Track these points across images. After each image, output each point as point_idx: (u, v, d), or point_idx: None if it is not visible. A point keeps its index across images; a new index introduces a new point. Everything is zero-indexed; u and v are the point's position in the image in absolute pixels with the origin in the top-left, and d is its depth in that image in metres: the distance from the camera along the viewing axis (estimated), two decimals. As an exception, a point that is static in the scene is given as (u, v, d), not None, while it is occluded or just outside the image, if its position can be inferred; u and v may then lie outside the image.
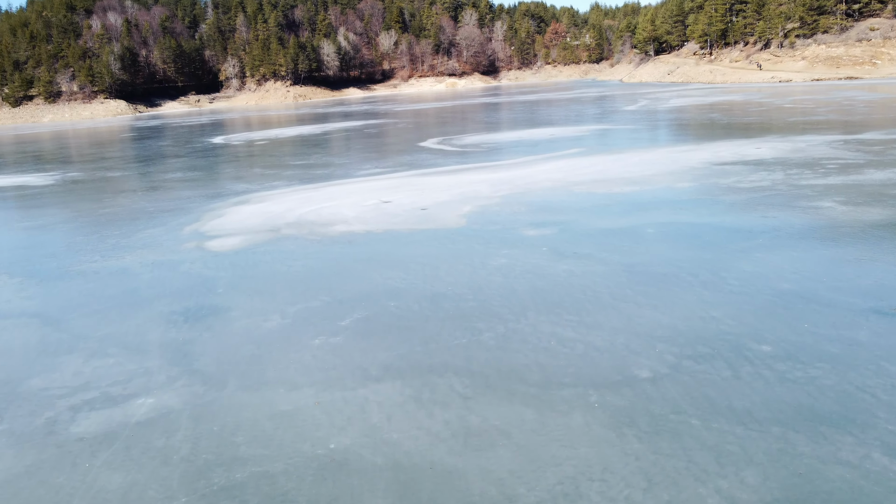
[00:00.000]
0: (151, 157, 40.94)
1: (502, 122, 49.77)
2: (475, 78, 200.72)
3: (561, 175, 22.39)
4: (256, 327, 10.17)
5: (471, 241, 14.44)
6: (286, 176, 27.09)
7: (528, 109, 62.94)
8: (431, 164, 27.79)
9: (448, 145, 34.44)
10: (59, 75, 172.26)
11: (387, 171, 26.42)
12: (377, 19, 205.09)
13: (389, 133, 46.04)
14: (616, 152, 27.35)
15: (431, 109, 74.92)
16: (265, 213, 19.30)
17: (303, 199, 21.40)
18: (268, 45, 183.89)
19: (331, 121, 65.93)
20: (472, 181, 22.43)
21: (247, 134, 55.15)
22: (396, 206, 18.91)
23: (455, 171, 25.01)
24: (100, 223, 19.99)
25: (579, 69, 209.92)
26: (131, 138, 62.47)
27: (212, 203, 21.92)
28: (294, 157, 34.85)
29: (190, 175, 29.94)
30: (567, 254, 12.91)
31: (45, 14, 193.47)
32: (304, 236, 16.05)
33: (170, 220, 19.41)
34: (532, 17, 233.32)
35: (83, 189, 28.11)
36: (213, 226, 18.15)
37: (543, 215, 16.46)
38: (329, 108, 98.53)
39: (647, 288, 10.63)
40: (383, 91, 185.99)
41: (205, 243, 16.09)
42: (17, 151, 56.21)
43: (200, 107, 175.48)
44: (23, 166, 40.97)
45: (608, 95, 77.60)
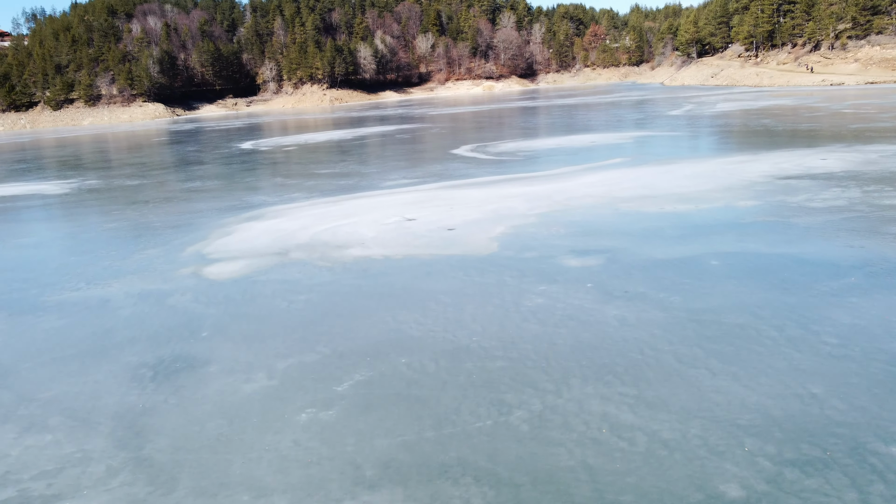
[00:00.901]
0: (176, 163, 39.56)
1: (540, 128, 47.60)
2: (512, 81, 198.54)
3: (604, 189, 20.23)
4: (234, 391, 8.25)
5: (502, 271, 12.39)
6: (307, 187, 25.30)
7: (566, 114, 60.64)
8: (463, 174, 25.79)
9: (482, 153, 32.41)
10: (99, 79, 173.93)
11: (415, 183, 24.48)
12: (414, 22, 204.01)
13: (422, 139, 44.16)
14: (664, 163, 25.08)
15: (467, 113, 72.97)
16: (277, 232, 17.46)
17: (320, 214, 19.53)
18: (305, 49, 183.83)
19: (364, 125, 64.31)
20: (507, 196, 20.37)
21: (277, 139, 53.72)
22: (421, 225, 16.93)
23: (488, 184, 22.98)
24: (99, 241, 18.33)
25: (619, 72, 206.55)
26: (162, 143, 61.49)
27: (223, 218, 20.17)
28: (320, 164, 33.10)
29: (208, 184, 28.32)
30: (616, 293, 10.81)
31: (87, 18, 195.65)
32: (314, 262, 14.15)
33: (173, 239, 17.67)
34: (571, 19, 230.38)
35: (96, 199, 26.64)
36: (218, 246, 16.35)
37: (586, 240, 14.34)
38: (364, 112, 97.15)
39: (721, 346, 8.50)
40: (420, 94, 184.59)
41: (203, 269, 14.27)
42: (46, 156, 55.47)
43: (237, 110, 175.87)
44: (45, 172, 39.87)
45: (650, 99, 74.90)
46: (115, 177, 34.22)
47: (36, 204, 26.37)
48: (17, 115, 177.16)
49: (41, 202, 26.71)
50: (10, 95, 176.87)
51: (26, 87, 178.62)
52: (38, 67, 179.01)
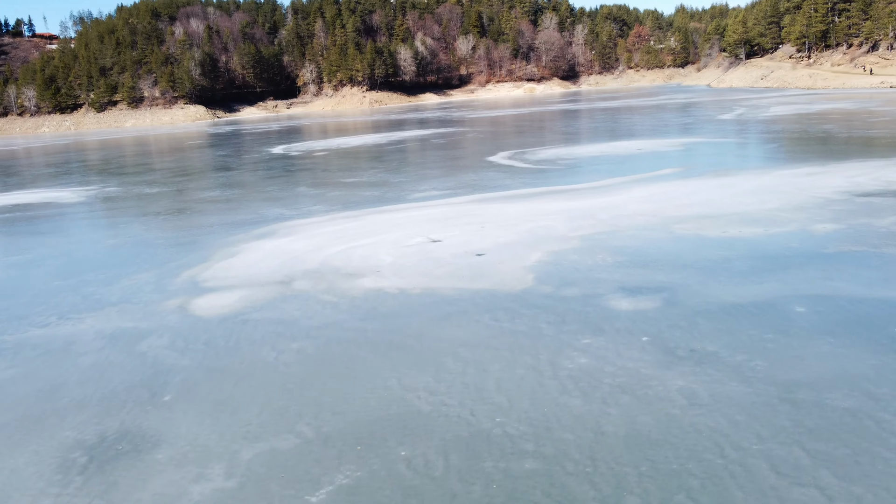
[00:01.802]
0: (202, 169, 38.09)
1: (582, 133, 45.22)
2: (554, 83, 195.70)
3: (655, 206, 17.94)
4: (177, 496, 6.26)
5: (538, 315, 10.26)
6: (330, 198, 23.40)
7: (609, 118, 58.08)
8: (498, 185, 23.66)
9: (520, 160, 30.24)
10: (141, 81, 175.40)
11: (445, 194, 22.43)
12: (455, 24, 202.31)
13: (457, 144, 42.10)
14: (721, 174, 22.65)
15: (507, 117, 70.75)
16: (285, 254, 15.54)
17: (337, 232, 17.57)
18: (345, 51, 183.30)
19: (400, 128, 62.49)
20: (545, 212, 18.19)
21: (310, 143, 52.14)
22: (446, 249, 14.86)
23: (525, 197, 20.81)
24: (93, 260, 16.61)
25: (663, 74, 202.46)
26: (195, 147, 60.38)
27: (232, 234, 18.34)
28: (348, 172, 31.24)
29: (227, 194, 26.60)
30: (681, 351, 8.61)
31: (132, 20, 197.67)
32: (319, 295, 12.16)
33: (172, 260, 15.86)
34: (614, 20, 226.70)
35: (107, 210, 25.11)
36: (217, 271, 14.47)
37: (639, 273, 12.12)
38: (402, 115, 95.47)
39: (831, 446, 6.28)
40: (460, 97, 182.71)
41: (192, 301, 12.38)
42: (78, 160, 54.67)
43: (278, 112, 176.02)
44: (70, 178, 38.74)
45: (697, 102, 71.87)
46: (136, 183, 32.78)
47: (45, 214, 24.92)
48: (63, 116, 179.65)
49: (51, 212, 25.26)
50: (55, 97, 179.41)
51: (71, 90, 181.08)
52: (83, 70, 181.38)
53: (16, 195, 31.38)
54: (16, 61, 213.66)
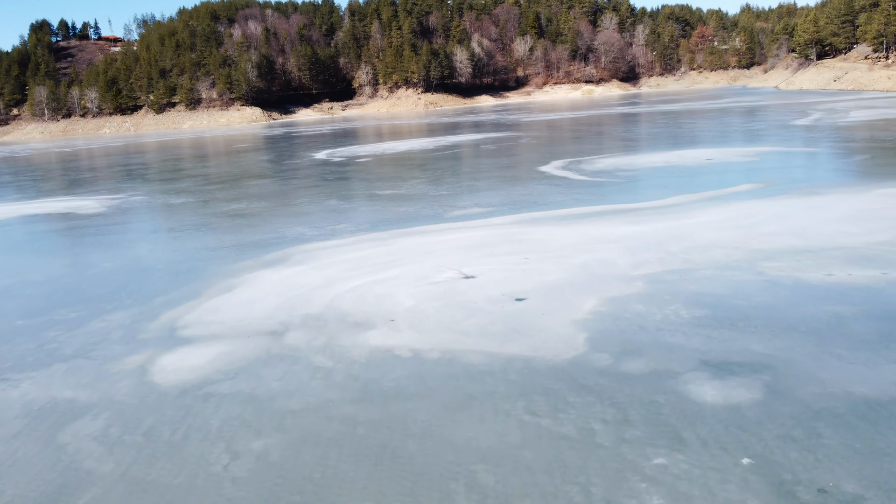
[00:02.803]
0: (236, 176, 36.13)
1: (643, 139, 41.97)
2: (613, 85, 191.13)
3: (736, 235, 14.93)
4: None
5: (590, 410, 7.51)
6: (359, 215, 20.93)
7: (672, 122, 54.54)
8: (549, 202, 20.85)
9: (575, 171, 27.34)
10: (199, 83, 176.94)
11: (487, 212, 19.73)
12: (512, 25, 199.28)
13: (508, 151, 39.30)
14: (809, 193, 19.44)
15: (563, 120, 67.60)
16: (290, 290, 13.06)
17: (357, 261, 15.04)
18: (401, 52, 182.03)
19: (451, 132, 59.93)
20: (602, 239, 15.35)
21: (356, 147, 49.96)
22: (480, 289, 12.18)
23: (579, 219, 17.97)
24: (75, 290, 14.42)
25: (727, 75, 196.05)
26: (240, 151, 58.84)
27: (239, 260, 15.97)
28: (385, 182, 28.77)
29: (252, 207, 24.37)
30: (803, 491, 5.77)
31: (192, 23, 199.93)
32: (311, 356, 9.62)
33: (160, 293, 13.54)
34: (676, 20, 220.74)
35: (120, 224, 23.11)
36: (204, 312, 12.06)
37: (725, 337, 9.25)
38: (456, 118, 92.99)
39: None
40: (516, 99, 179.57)
41: (158, 359, 9.97)
42: (120, 164, 53.58)
43: (333, 114, 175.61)
44: (102, 184, 37.23)
45: (767, 105, 67.56)
46: (166, 192, 30.91)
47: (54, 228, 23.09)
48: (123, 118, 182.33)
49: (61, 226, 23.41)
50: (116, 99, 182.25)
51: (132, 92, 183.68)
52: (143, 72, 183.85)
53: (39, 203, 29.77)
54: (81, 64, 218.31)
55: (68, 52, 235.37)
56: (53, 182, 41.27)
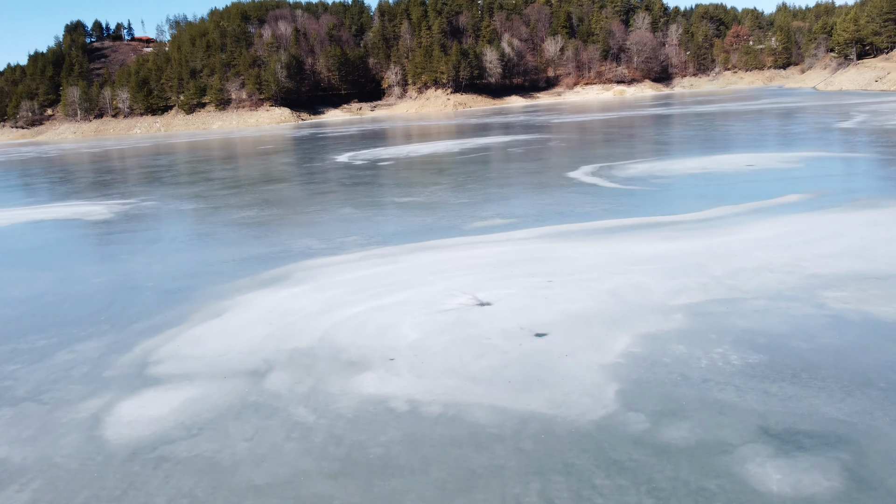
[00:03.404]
0: (254, 180, 34.95)
1: (677, 142, 40.08)
2: (645, 85, 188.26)
3: (788, 255, 13.23)
4: None
5: (624, 498, 5.95)
6: (372, 225, 19.49)
7: (708, 124, 52.47)
8: (577, 213, 19.24)
9: (605, 178, 25.68)
10: (229, 83, 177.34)
11: (511, 224, 18.18)
12: (543, 24, 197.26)
13: (537, 154, 37.67)
14: (866, 205, 17.61)
15: (594, 122, 65.70)
16: (283, 318, 11.65)
17: (363, 280, 13.59)
18: (430, 52, 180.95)
19: (479, 134, 58.40)
20: (636, 259, 13.74)
21: (380, 150, 48.64)
22: (495, 320, 10.66)
23: (610, 233, 16.35)
24: (52, 311, 13.15)
25: (763, 75, 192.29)
26: (263, 152, 57.85)
27: (236, 279, 14.62)
28: (404, 189, 27.32)
29: (262, 215, 23.07)
30: None
31: (223, 24, 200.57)
32: (291, 407, 8.19)
33: (141, 318, 12.22)
34: (710, 19, 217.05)
35: (125, 231, 21.94)
36: (182, 344, 10.69)
37: (786, 393, 7.63)
38: (485, 119, 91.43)
39: None
40: (546, 99, 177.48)
41: (116, 407, 8.61)
42: (141, 165, 52.87)
43: (361, 115, 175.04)
44: (115, 188, 36.31)
45: (805, 107, 65.08)
46: (179, 197, 29.77)
47: (53, 238, 21.99)
48: (154, 118, 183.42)
49: (61, 234, 22.32)
50: (147, 100, 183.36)
51: (163, 92, 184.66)
52: (174, 72, 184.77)
53: (48, 209, 28.79)
54: (114, 64, 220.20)
55: (102, 52, 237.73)
56: (70, 185, 40.45)
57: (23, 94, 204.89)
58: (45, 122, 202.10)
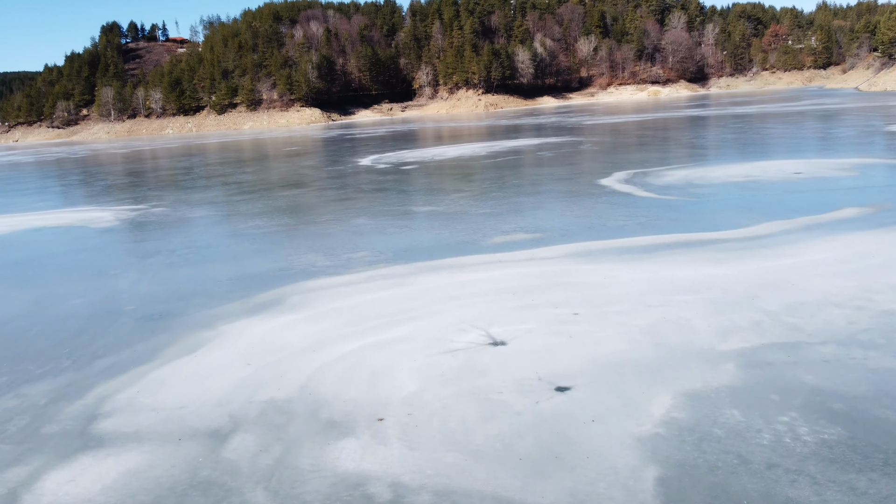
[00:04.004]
0: (271, 185, 33.60)
1: (716, 146, 37.97)
2: (680, 86, 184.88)
3: (855, 286, 11.35)
4: None
5: None
6: (383, 240, 17.88)
7: (748, 126, 50.15)
8: (609, 227, 17.44)
9: (640, 186, 23.84)
10: (260, 84, 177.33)
11: (535, 240, 16.45)
12: (577, 24, 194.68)
13: (567, 159, 35.82)
14: (936, 222, 15.62)
15: (628, 124, 63.56)
16: (265, 354, 10.09)
17: (363, 308, 11.99)
18: (461, 53, 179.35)
19: (509, 136, 56.64)
20: (675, 287, 11.95)
21: (405, 152, 47.11)
22: (508, 367, 8.99)
23: (645, 254, 14.56)
24: (12, 342, 11.75)
25: (802, 76, 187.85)
26: (288, 154, 56.69)
27: (225, 302, 13.11)
28: (425, 196, 25.69)
29: (271, 224, 21.61)
30: None
31: (255, 24, 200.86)
32: (248, 487, 6.59)
33: (108, 352, 10.75)
34: (748, 18, 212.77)
35: (125, 241, 20.64)
36: (142, 390, 9.17)
37: (879, 490, 5.86)
38: (515, 120, 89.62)
39: None
40: (579, 100, 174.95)
41: (38, 480, 7.09)
42: (162, 168, 51.97)
43: (392, 115, 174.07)
44: (129, 192, 35.26)
45: (850, 109, 62.30)
46: (192, 202, 28.49)
47: (45, 251, 20.70)
48: (185, 118, 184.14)
49: (55, 246, 21.05)
50: (179, 100, 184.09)
51: (195, 92, 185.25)
52: (206, 73, 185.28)
53: (55, 214, 27.67)
54: (149, 65, 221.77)
55: (136, 53, 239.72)
56: (85, 188, 39.48)
57: (59, 95, 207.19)
58: (80, 122, 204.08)
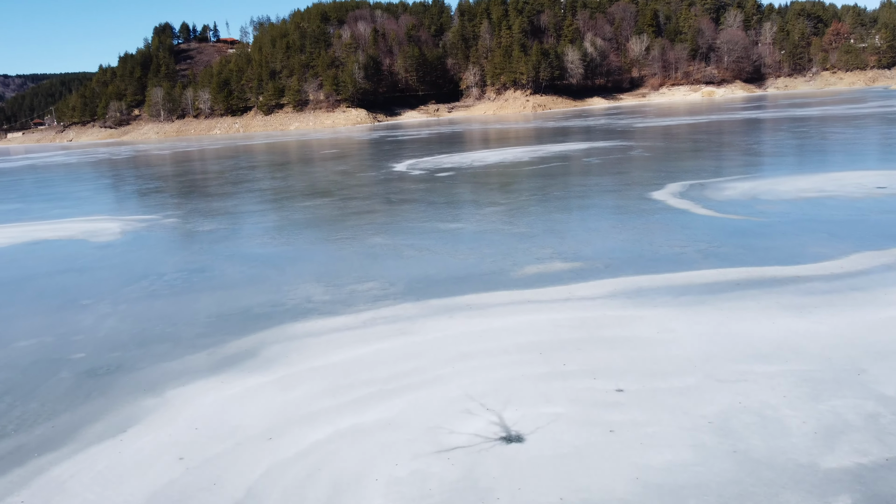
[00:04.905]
0: (295, 193, 31.47)
1: (779, 154, 34.66)
2: (736, 86, 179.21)
3: None
4: None
5: None
6: (396, 268, 15.39)
7: (812, 131, 46.50)
8: (662, 257, 14.68)
9: (697, 201, 20.96)
10: (307, 84, 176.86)
11: (572, 273, 13.78)
12: (628, 23, 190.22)
13: (615, 166, 32.94)
14: None
15: (681, 127, 60.15)
16: (203, 448, 7.70)
17: (349, 369, 9.54)
18: (510, 53, 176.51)
19: (554, 140, 53.80)
20: (750, 349, 9.21)
21: (444, 157, 44.70)
22: (522, 479, 6.42)
23: (709, 295, 11.77)
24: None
25: (864, 76, 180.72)
26: (322, 158, 54.76)
27: (190, 351, 10.78)
28: (452, 211, 23.13)
29: (276, 243, 19.32)
30: None
31: (303, 25, 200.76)
32: None
33: (19, 429, 8.48)
34: (808, 16, 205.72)
35: (111, 263, 18.53)
36: (28, 498, 6.80)
37: None
38: (564, 122, 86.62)
39: None
40: (630, 101, 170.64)
41: None
42: (191, 171, 50.42)
43: (438, 116, 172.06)
44: (146, 199, 33.51)
45: (926, 111, 57.92)
46: (206, 212, 26.47)
47: (25, 272, 18.73)
48: (233, 119, 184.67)
49: (38, 266, 19.06)
50: (227, 101, 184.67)
51: (242, 93, 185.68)
52: (254, 73, 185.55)
53: (62, 224, 25.89)
54: (199, 66, 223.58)
55: (188, 54, 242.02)
56: (107, 193, 37.88)
57: (112, 95, 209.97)
58: (131, 122, 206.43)
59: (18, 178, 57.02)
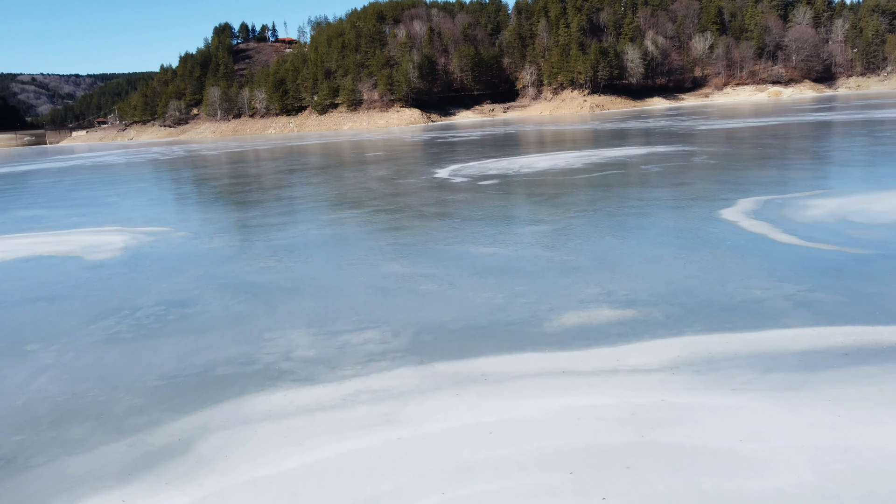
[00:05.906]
0: (324, 202, 29.06)
1: (863, 163, 30.83)
2: (804, 86, 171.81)
3: None
4: None
5: None
6: (403, 311, 12.60)
7: (894, 135, 42.24)
8: (738, 306, 11.54)
9: (775, 223, 17.69)
10: (361, 84, 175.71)
11: (622, 327, 10.80)
12: (691, 21, 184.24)
13: (677, 176, 29.56)
14: None
15: (748, 130, 56.06)
16: None
17: (302, 484, 6.77)
18: (567, 51, 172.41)
19: (610, 143, 50.45)
20: (884, 478, 6.13)
21: (491, 162, 41.85)
22: None
23: (807, 372, 8.68)
24: None
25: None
26: (366, 161, 52.43)
27: (102, 445, 8.21)
28: (488, 230, 20.21)
29: (279, 269, 16.74)
30: None
31: (358, 24, 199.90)
32: None
33: None
34: (882, 13, 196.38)
35: (99, 286, 16.19)
36: None
37: None
38: (622, 123, 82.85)
39: None
40: (692, 101, 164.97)
41: None
42: (226, 175, 48.60)
43: (493, 116, 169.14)
44: (167, 207, 31.46)
45: None
46: (221, 225, 24.22)
47: (13, 298, 16.47)
48: (288, 118, 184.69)
49: (12, 293, 16.78)
50: (283, 100, 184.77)
51: (297, 92, 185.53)
52: (309, 73, 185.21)
53: (65, 236, 23.86)
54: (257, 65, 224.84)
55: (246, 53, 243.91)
56: (133, 199, 35.99)
57: (171, 94, 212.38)
58: (189, 121, 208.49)
59: (58, 179, 56.14)
